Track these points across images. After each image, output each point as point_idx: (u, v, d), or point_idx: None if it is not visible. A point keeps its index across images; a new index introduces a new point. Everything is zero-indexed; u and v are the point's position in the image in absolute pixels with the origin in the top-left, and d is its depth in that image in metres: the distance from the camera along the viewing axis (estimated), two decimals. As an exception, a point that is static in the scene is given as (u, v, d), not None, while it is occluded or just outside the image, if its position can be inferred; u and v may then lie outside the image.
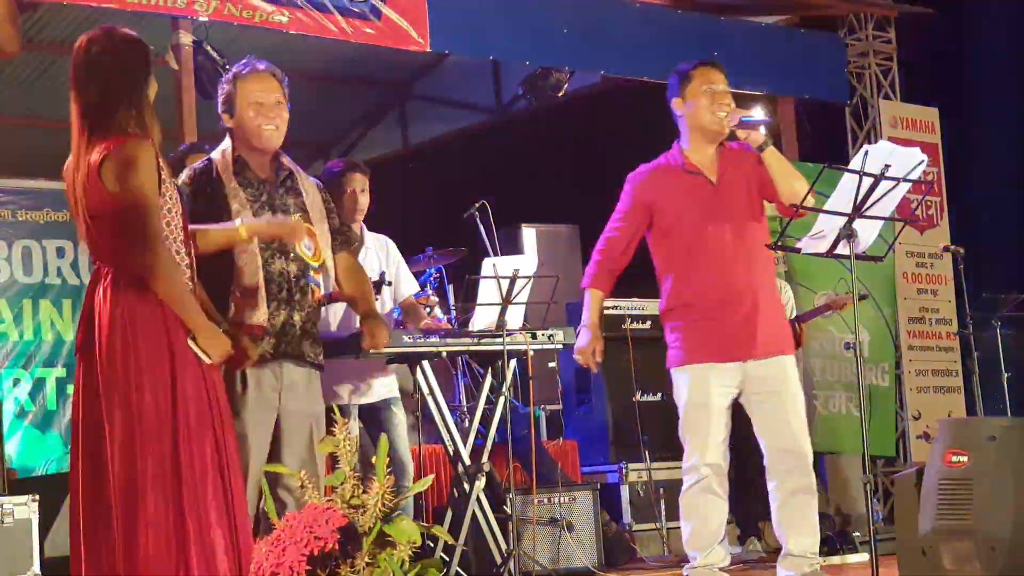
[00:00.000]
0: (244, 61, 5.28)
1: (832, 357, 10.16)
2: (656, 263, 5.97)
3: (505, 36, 9.27)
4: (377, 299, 6.59)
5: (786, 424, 5.68)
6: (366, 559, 2.27)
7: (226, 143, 5.27)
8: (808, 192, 5.40)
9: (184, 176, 5.24)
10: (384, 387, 6.89)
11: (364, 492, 2.15)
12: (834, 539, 8.32)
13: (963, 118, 11.43)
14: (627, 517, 8.87)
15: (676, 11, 10.11)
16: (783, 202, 5.67)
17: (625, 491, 8.92)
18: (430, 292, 8.18)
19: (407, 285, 7.15)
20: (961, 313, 10.11)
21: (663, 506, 8.68)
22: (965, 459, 5.42)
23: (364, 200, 6.94)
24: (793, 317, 8.55)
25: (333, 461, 3.67)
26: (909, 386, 10.73)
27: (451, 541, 6.07)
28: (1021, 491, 5.46)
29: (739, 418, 5.80)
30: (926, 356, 10.84)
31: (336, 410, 6.69)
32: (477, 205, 8.71)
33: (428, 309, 7.68)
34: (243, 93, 5.18)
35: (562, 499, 7.75)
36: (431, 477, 2.12)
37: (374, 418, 6.88)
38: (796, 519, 5.69)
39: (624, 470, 8.89)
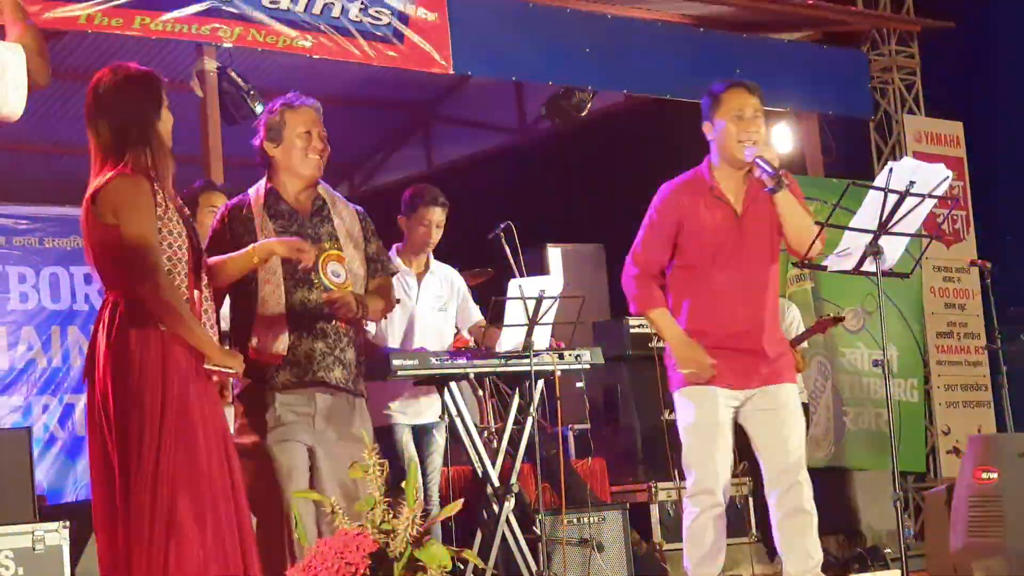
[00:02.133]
0: (293, 94, 5.37)
1: (860, 373, 10.13)
2: (671, 279, 5.81)
3: (527, 57, 9.28)
4: (399, 318, 6.64)
5: (784, 443, 5.61)
6: (397, 585, 2.27)
7: (261, 181, 5.36)
8: (814, 240, 5.27)
9: (220, 211, 5.36)
10: (433, 409, 6.93)
11: (394, 517, 2.15)
12: (865, 556, 8.28)
13: (988, 131, 11.39)
14: (657, 536, 8.83)
15: (698, 29, 10.11)
16: (790, 247, 5.59)
17: (655, 510, 8.89)
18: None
19: (474, 313, 7.25)
20: (989, 327, 10.06)
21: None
22: (995, 475, 5.40)
23: (437, 235, 7.08)
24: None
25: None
26: (938, 401, 10.69)
27: (481, 564, 6.06)
28: (1050, 507, 5.46)
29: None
30: (955, 371, 10.80)
31: (392, 430, 6.82)
32: (502, 226, 8.69)
33: (455, 331, 7.70)
34: (294, 123, 5.26)
35: (592, 519, 7.73)
36: (459, 502, 2.11)
37: (418, 440, 6.93)
38: (795, 541, 5.59)
39: (653, 489, 8.86)
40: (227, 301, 5.32)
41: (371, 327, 6.80)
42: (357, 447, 5.09)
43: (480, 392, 8.54)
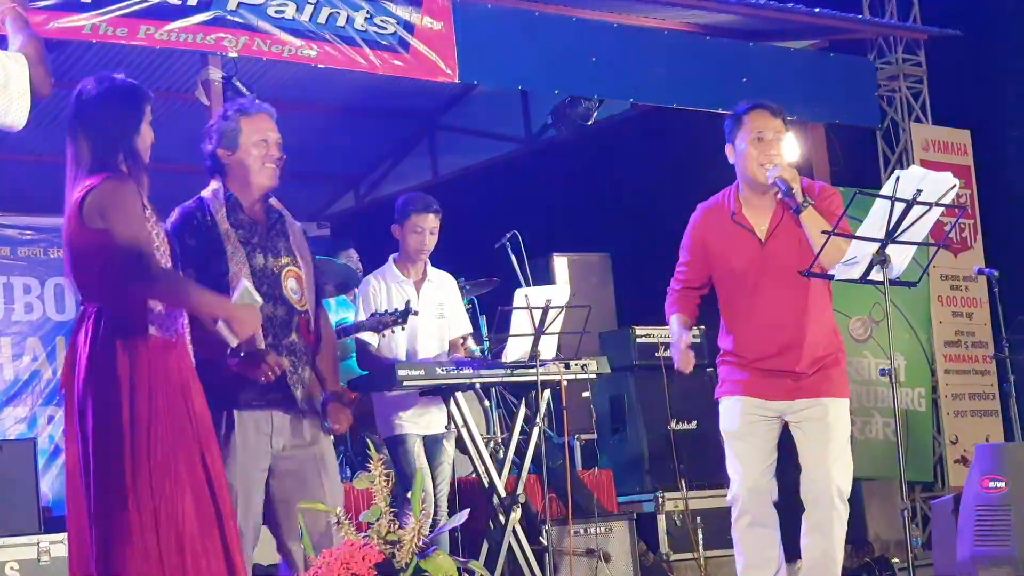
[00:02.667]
0: (246, 99, 5.27)
1: (868, 383, 10.08)
2: (718, 297, 5.85)
3: (533, 66, 9.24)
4: (395, 331, 6.61)
5: (819, 454, 5.59)
6: (403, 596, 2.24)
7: (215, 183, 5.21)
8: (820, 250, 5.22)
9: (175, 215, 5.16)
10: (442, 419, 6.91)
11: (400, 528, 2.12)
12: (873, 566, 8.23)
13: (996, 139, 11.34)
14: (664, 547, 8.80)
15: (704, 37, 10.08)
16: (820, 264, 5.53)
17: (662, 520, 8.85)
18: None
19: (458, 326, 7.21)
20: (997, 336, 10.02)
21: (701, 535, 8.60)
22: (1002, 484, 5.36)
23: (432, 241, 7.06)
24: None
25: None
26: (946, 410, 10.65)
27: (486, 575, 6.04)
28: (1059, 517, 5.42)
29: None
30: (963, 380, 10.75)
31: (403, 440, 6.79)
32: (508, 235, 8.70)
33: (462, 340, 7.69)
34: (249, 130, 5.16)
35: (599, 529, 7.71)
36: (465, 512, 2.08)
37: (429, 450, 6.91)
38: (811, 553, 5.59)
39: (660, 499, 8.83)
40: None
41: (373, 340, 6.79)
42: (323, 459, 5.04)
43: (486, 402, 8.52)
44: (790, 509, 7.75)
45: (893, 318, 9.88)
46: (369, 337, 6.78)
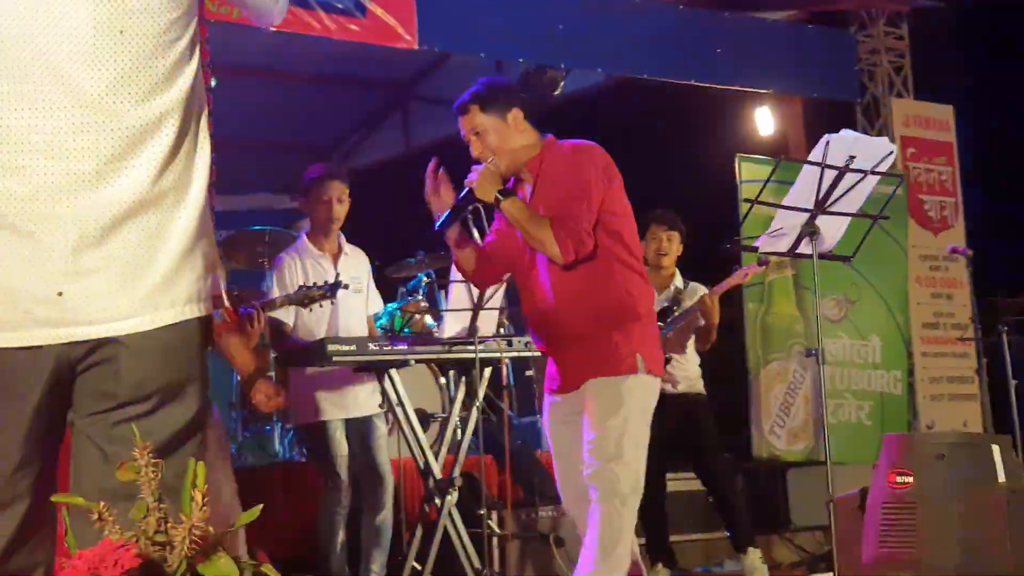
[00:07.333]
0: None
1: (841, 364, 9.80)
2: None
3: (499, 33, 8.94)
4: (324, 305, 6.32)
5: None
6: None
7: None
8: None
9: None
10: (369, 401, 6.64)
11: (173, 526, 1.84)
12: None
13: (979, 115, 11.04)
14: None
15: (678, 6, 9.76)
16: None
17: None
18: (420, 298, 7.91)
19: (373, 302, 6.93)
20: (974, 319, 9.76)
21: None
22: (910, 480, 4.98)
23: (340, 209, 6.74)
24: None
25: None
26: (922, 394, 10.34)
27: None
28: (969, 516, 5.02)
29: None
30: (940, 363, 10.42)
31: (323, 427, 6.53)
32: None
33: (417, 315, 7.41)
34: None
35: (552, 513, 7.43)
36: (259, 507, 1.83)
37: (357, 431, 6.65)
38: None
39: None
40: None
41: (289, 318, 6.50)
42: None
43: (442, 380, 8.24)
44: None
45: (867, 298, 9.81)
46: (284, 316, 6.50)
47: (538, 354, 6.68)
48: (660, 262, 7.84)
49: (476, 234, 8.31)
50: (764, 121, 10.48)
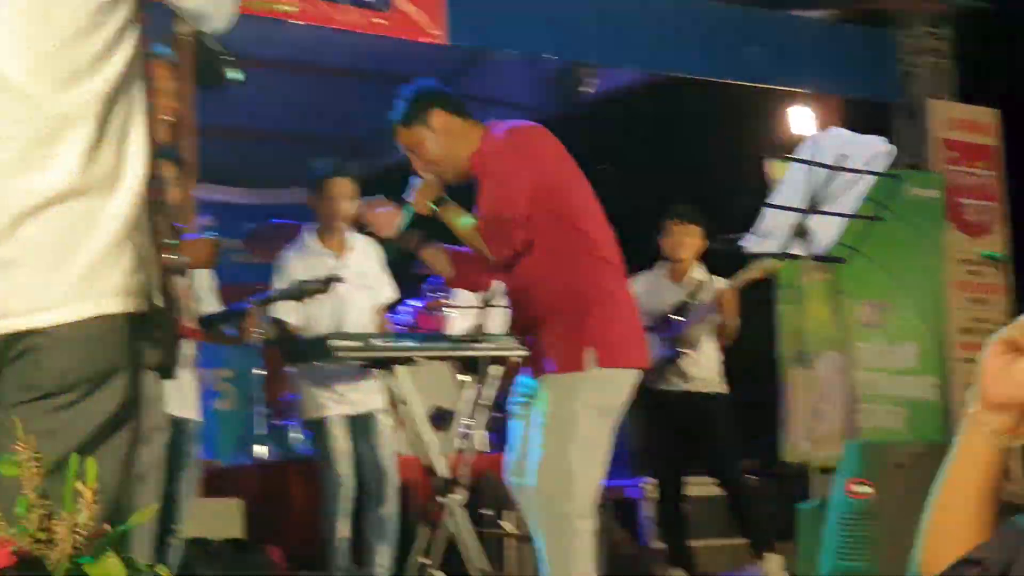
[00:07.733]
0: None
1: (875, 369, 9.64)
2: None
3: (532, 30, 8.86)
4: (329, 301, 6.26)
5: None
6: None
7: None
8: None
9: None
10: (370, 397, 6.58)
11: (55, 522, 1.77)
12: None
13: None
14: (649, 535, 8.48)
15: (714, 2, 9.64)
16: None
17: (648, 508, 8.53)
18: (441, 294, 7.84)
19: (382, 292, 6.86)
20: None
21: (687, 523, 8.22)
22: (869, 490, 4.80)
23: (347, 208, 6.65)
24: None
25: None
26: (959, 400, 10.16)
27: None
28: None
29: None
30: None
31: (324, 423, 6.47)
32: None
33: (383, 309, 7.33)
34: None
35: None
36: (154, 507, 1.77)
37: (360, 428, 6.59)
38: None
39: (644, 486, 8.49)
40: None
41: (292, 316, 6.45)
42: None
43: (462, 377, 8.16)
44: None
45: (902, 303, 9.63)
46: (286, 314, 6.44)
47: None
48: (677, 255, 7.83)
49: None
50: (799, 120, 10.33)
